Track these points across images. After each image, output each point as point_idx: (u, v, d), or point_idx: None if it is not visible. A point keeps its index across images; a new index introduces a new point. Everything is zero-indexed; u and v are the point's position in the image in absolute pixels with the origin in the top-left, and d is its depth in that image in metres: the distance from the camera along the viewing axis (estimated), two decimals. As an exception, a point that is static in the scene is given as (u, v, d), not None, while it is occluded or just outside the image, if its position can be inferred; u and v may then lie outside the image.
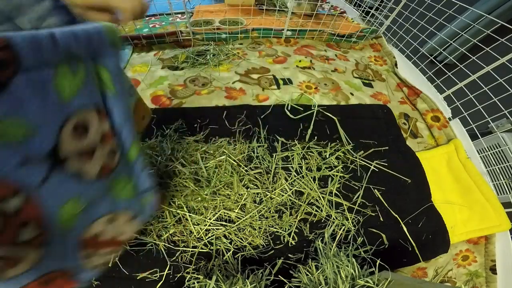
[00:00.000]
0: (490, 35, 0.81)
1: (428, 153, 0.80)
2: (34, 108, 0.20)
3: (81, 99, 0.24)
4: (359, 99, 0.90)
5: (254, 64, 1.00)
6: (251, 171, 0.65)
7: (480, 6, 1.44)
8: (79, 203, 0.28)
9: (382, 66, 1.14)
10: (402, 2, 1.10)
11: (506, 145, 0.90)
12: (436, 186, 0.73)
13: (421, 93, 0.95)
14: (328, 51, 1.16)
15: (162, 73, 0.95)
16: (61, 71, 0.21)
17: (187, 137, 0.71)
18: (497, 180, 0.81)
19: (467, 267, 0.68)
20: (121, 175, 0.34)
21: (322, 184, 0.67)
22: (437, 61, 0.96)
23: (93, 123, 0.26)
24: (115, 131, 0.30)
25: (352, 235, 0.61)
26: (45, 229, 0.25)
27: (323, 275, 0.50)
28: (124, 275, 0.54)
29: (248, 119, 0.78)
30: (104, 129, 0.28)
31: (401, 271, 0.63)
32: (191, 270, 0.54)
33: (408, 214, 0.66)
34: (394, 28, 1.18)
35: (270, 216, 0.60)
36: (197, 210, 0.59)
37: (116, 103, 0.29)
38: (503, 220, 0.68)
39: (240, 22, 1.23)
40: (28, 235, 0.23)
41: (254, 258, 0.58)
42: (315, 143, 0.73)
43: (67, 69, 0.22)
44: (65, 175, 0.25)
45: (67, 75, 0.22)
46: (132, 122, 0.32)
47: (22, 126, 0.19)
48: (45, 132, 0.21)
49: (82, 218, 0.30)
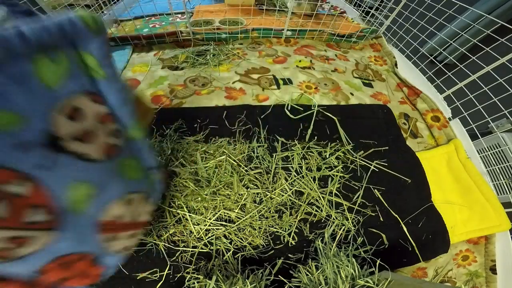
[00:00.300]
0: (490, 35, 0.81)
1: (428, 153, 0.80)
2: (19, 99, 0.21)
3: (70, 85, 0.26)
4: (359, 99, 0.90)
5: (254, 64, 1.00)
6: (251, 171, 0.65)
7: (480, 6, 1.44)
8: (90, 185, 0.28)
9: (382, 66, 1.14)
10: (402, 2, 1.10)
11: (506, 145, 0.90)
12: (436, 186, 0.73)
13: (421, 93, 0.95)
14: (328, 51, 1.16)
15: (162, 73, 0.95)
16: (40, 62, 0.23)
17: (187, 137, 0.71)
18: (497, 180, 0.81)
19: (467, 267, 0.68)
20: (129, 155, 0.35)
21: (322, 184, 0.67)
22: (437, 61, 0.96)
23: (87, 107, 0.27)
24: (114, 113, 0.31)
25: (352, 235, 0.61)
26: (56, 212, 0.26)
27: (323, 275, 0.50)
28: (124, 275, 0.54)
29: (248, 119, 0.78)
30: (101, 112, 0.29)
31: (401, 271, 0.63)
32: (191, 270, 0.54)
33: (408, 214, 0.66)
34: (394, 28, 1.18)
35: (270, 216, 0.60)
36: (197, 210, 0.59)
37: (109, 86, 0.30)
38: (503, 220, 0.68)
39: (240, 22, 1.23)
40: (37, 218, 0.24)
41: (254, 258, 0.58)
42: (315, 143, 0.73)
43: (46, 59, 0.23)
44: (69, 157, 0.26)
45: (47, 65, 0.23)
46: (131, 105, 0.33)
47: (10, 116, 0.21)
48: (36, 118, 0.23)
49: (97, 200, 0.30)
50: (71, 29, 0.25)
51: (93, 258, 0.33)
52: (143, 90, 0.87)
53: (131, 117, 0.34)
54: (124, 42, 1.07)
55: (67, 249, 0.29)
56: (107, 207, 0.32)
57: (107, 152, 0.30)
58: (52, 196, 0.25)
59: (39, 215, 0.24)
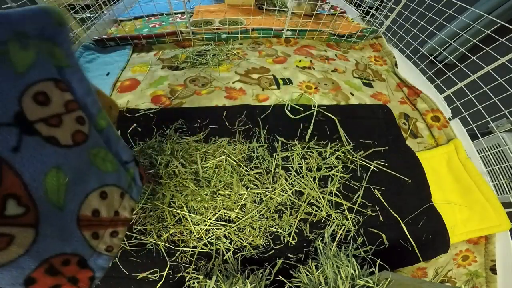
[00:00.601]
0: (490, 35, 0.81)
1: (428, 153, 0.80)
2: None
3: (37, 71, 0.27)
4: (359, 99, 0.90)
5: (254, 64, 1.00)
6: (251, 171, 0.65)
7: (480, 6, 1.44)
8: (62, 171, 0.29)
9: (382, 66, 1.14)
10: (402, 2, 1.10)
11: (506, 145, 0.90)
12: (436, 186, 0.73)
13: (421, 93, 0.95)
14: (328, 51, 1.16)
15: (162, 73, 0.95)
16: (13, 47, 0.24)
17: (187, 137, 0.71)
18: (497, 180, 0.81)
19: (467, 267, 0.68)
20: (98, 144, 0.36)
21: (322, 184, 0.67)
22: (437, 61, 0.96)
23: (53, 93, 0.29)
24: (79, 101, 0.33)
25: (352, 235, 0.61)
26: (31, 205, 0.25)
27: (323, 275, 0.50)
28: (124, 275, 0.54)
29: (248, 119, 0.78)
30: (66, 98, 0.31)
31: (401, 271, 0.63)
32: (191, 270, 0.54)
33: (408, 214, 0.66)
34: (394, 28, 1.18)
35: (270, 216, 0.60)
36: (197, 210, 0.59)
37: (73, 76, 0.32)
38: (503, 220, 0.68)
39: (240, 22, 1.23)
40: (14, 210, 0.24)
41: (254, 258, 0.58)
42: (315, 143, 0.73)
43: (17, 45, 0.25)
44: (39, 140, 0.27)
45: (19, 51, 0.25)
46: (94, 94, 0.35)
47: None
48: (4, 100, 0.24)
49: (73, 191, 0.31)
50: (43, 18, 0.27)
51: (79, 259, 0.32)
52: (143, 90, 0.87)
53: (95, 106, 0.36)
54: (124, 42, 1.07)
55: (50, 249, 0.28)
56: (83, 199, 0.33)
57: (74, 138, 0.31)
58: (27, 182, 0.25)
59: (16, 205, 0.24)
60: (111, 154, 0.39)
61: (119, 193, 0.40)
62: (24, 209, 0.25)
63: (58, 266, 0.29)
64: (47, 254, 0.28)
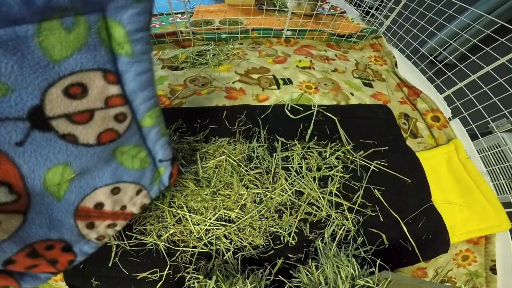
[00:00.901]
0: (490, 35, 0.81)
1: (428, 153, 0.80)
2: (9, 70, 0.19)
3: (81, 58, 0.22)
4: (359, 99, 0.90)
5: (254, 64, 1.00)
6: (251, 171, 0.65)
7: (480, 6, 1.44)
8: (70, 167, 0.26)
9: (382, 66, 1.14)
10: (402, 2, 1.09)
11: (506, 145, 0.90)
12: (436, 186, 0.73)
13: (421, 93, 0.95)
14: (328, 51, 1.16)
15: (162, 73, 0.95)
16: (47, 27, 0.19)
17: (187, 137, 0.71)
18: (497, 180, 0.81)
19: (467, 267, 0.68)
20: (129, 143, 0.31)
21: (322, 184, 0.67)
22: (437, 61, 0.96)
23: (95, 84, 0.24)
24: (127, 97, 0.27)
25: (352, 235, 0.61)
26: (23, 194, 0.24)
27: (323, 275, 0.50)
28: (124, 275, 0.54)
29: (248, 119, 0.78)
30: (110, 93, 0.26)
31: (401, 271, 0.63)
32: (191, 270, 0.54)
33: (408, 214, 0.66)
34: (394, 28, 1.18)
35: (270, 216, 0.60)
36: (197, 210, 0.59)
37: (130, 67, 0.26)
38: (503, 220, 0.68)
39: (240, 22, 1.23)
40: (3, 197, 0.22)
41: (254, 258, 0.58)
42: (315, 143, 0.73)
43: (57, 25, 0.19)
44: (52, 136, 0.23)
45: (56, 32, 0.20)
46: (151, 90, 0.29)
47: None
48: (23, 91, 0.20)
49: (79, 185, 0.28)
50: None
51: (64, 245, 0.31)
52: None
53: (147, 102, 0.30)
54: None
55: (35, 235, 0.26)
56: (88, 193, 0.30)
57: (100, 137, 0.27)
58: (23, 174, 0.23)
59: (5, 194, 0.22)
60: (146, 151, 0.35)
61: (136, 190, 0.37)
62: (15, 196, 0.23)
63: (41, 250, 0.28)
64: (32, 240, 0.26)
